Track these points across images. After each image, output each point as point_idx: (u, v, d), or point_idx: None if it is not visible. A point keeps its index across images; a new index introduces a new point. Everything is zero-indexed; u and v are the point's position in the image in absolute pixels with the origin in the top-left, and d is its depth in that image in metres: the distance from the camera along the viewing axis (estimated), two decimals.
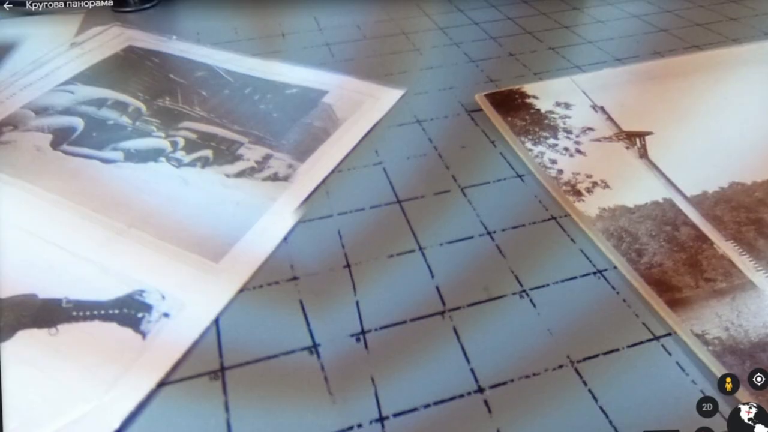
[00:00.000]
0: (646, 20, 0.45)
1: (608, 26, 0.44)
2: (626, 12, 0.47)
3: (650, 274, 0.22)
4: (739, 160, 0.28)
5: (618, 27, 0.44)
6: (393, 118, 0.33)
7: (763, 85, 0.35)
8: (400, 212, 0.26)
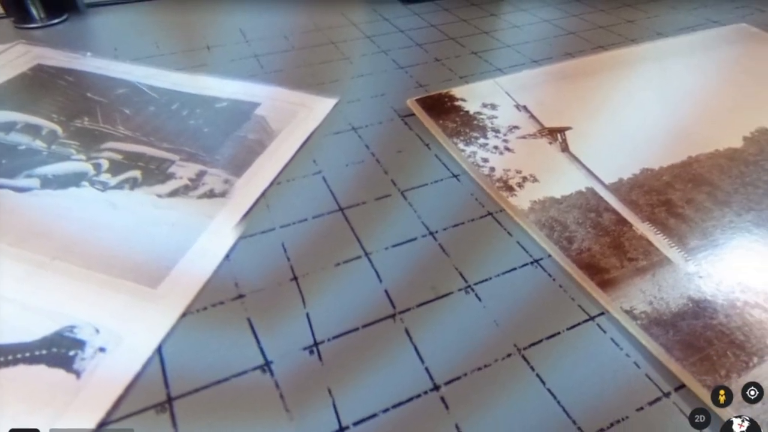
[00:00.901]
0: (555, 24, 0.48)
1: (523, 30, 0.46)
2: (538, 17, 0.49)
3: (581, 259, 0.23)
4: (647, 148, 0.31)
5: (532, 31, 0.46)
6: (328, 126, 0.32)
7: (660, 80, 0.38)
8: (343, 220, 0.25)
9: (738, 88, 0.37)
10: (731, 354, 0.19)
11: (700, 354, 0.19)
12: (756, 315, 0.21)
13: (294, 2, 0.52)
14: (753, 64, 0.41)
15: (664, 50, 0.43)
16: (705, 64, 0.41)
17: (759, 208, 0.26)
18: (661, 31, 0.46)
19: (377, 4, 0.52)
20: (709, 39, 0.45)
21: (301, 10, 0.50)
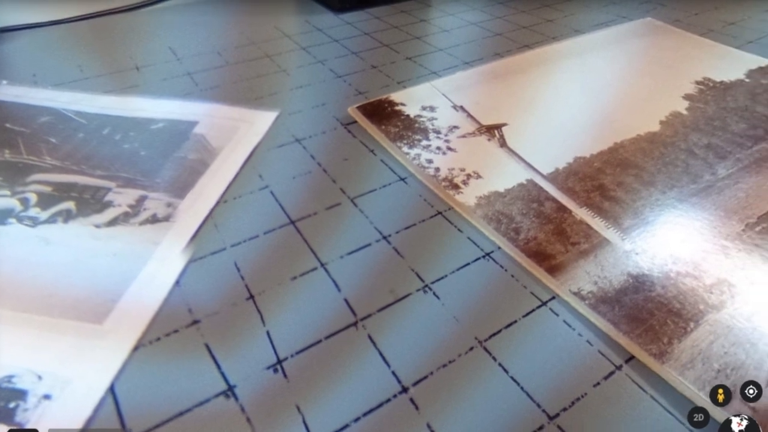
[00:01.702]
0: (482, 27, 0.49)
1: (453, 34, 0.48)
2: (465, 21, 0.51)
3: (528, 248, 0.24)
4: (577, 138, 0.32)
5: (461, 34, 0.47)
6: (271, 140, 0.32)
7: (582, 74, 0.40)
8: (295, 232, 0.25)
9: (650, 77, 0.40)
10: (671, 322, 0.20)
11: (644, 325, 0.20)
12: (688, 283, 0.22)
13: (224, 17, 0.51)
14: (660, 53, 0.44)
15: (583, 46, 0.45)
16: (619, 56, 0.44)
17: (680, 185, 0.28)
18: (578, 29, 0.49)
19: (309, 15, 0.51)
20: (621, 33, 0.48)
21: (232, 25, 0.49)
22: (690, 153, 0.31)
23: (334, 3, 0.52)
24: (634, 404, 0.18)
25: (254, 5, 0.54)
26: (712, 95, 0.37)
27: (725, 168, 0.29)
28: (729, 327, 0.20)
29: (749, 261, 0.23)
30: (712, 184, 0.28)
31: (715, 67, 0.41)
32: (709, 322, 0.20)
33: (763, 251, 0.24)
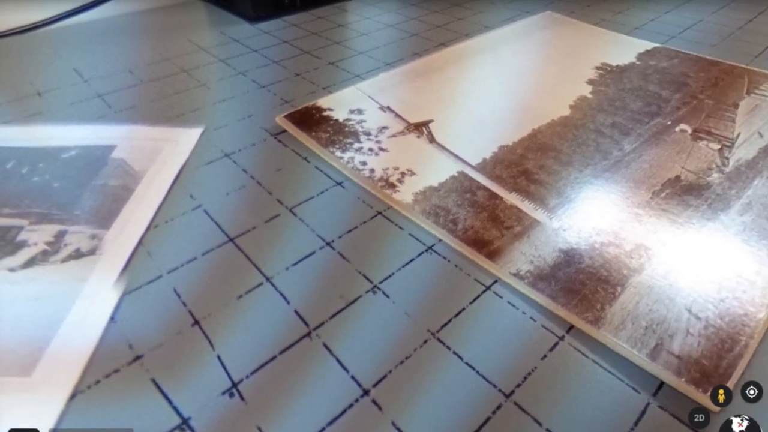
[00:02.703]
0: (399, 28, 0.50)
1: (372, 37, 0.48)
2: (382, 23, 0.51)
3: (467, 237, 0.25)
4: (499, 128, 0.34)
5: (379, 37, 0.48)
6: (199, 157, 0.30)
7: (496, 67, 0.42)
8: (235, 250, 0.24)
9: (555, 66, 0.42)
10: (601, 289, 0.22)
11: (579, 296, 0.21)
12: (611, 252, 0.24)
13: (133, 34, 0.48)
14: (562, 43, 0.47)
15: (494, 41, 0.47)
16: (527, 48, 0.46)
17: (593, 163, 0.30)
18: (487, 25, 0.51)
19: (224, 26, 0.50)
20: (526, 27, 0.50)
21: (142, 41, 0.46)
22: (598, 132, 0.33)
23: (248, 12, 0.51)
24: (578, 370, 0.19)
25: (163, 19, 0.51)
26: (610, 78, 0.40)
27: (629, 143, 0.32)
28: (650, 287, 0.22)
29: (659, 225, 0.25)
30: (620, 159, 0.30)
31: (610, 52, 0.44)
32: (632, 284, 0.22)
33: (670, 214, 0.26)
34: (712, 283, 0.22)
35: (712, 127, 0.34)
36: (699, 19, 0.52)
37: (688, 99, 0.37)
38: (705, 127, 0.34)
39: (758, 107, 0.36)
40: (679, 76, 0.40)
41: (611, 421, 0.17)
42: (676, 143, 0.32)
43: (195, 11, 0.54)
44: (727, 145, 0.32)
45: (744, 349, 0.19)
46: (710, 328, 0.20)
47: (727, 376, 0.18)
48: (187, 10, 0.54)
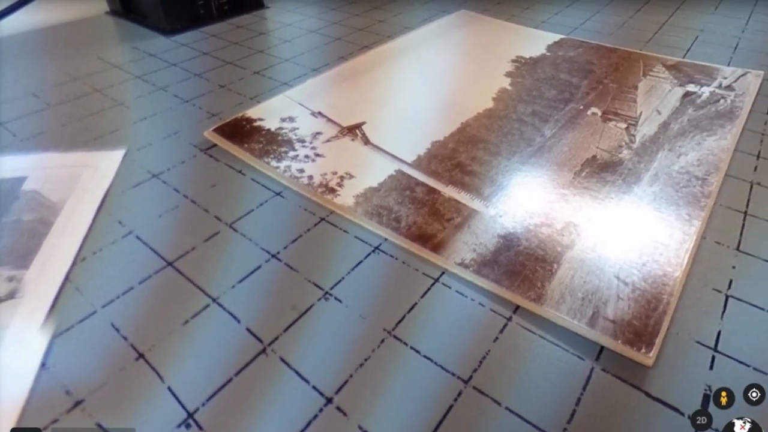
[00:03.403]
0: (321, 33, 0.50)
1: (295, 44, 0.47)
2: (304, 29, 0.50)
3: (411, 233, 0.25)
4: (430, 124, 0.34)
5: (302, 43, 0.47)
6: (124, 181, 0.28)
7: (420, 66, 0.43)
8: (176, 274, 0.22)
9: (475, 61, 0.44)
10: (539, 268, 0.23)
11: (520, 276, 0.22)
12: (545, 232, 0.25)
13: (34, 54, 0.44)
14: (479, 40, 0.49)
15: (415, 41, 0.48)
16: (446, 46, 0.47)
17: (519, 150, 0.32)
18: (407, 26, 0.52)
19: (137, 41, 0.47)
20: (443, 26, 0.52)
21: (46, 61, 0.42)
22: (521, 121, 0.35)
23: (162, 25, 0.48)
24: (528, 346, 0.20)
25: (67, 36, 0.47)
26: (526, 70, 0.42)
27: (549, 129, 0.34)
28: (582, 260, 0.23)
29: (583, 202, 0.27)
30: (543, 144, 0.32)
31: (523, 46, 0.47)
32: (566, 260, 0.23)
33: (592, 191, 0.28)
34: (633, 250, 0.24)
35: (618, 108, 0.36)
36: (597, 11, 0.56)
37: (594, 84, 0.40)
38: (612, 109, 0.36)
39: (654, 87, 0.39)
40: (585, 64, 0.43)
41: (563, 390, 0.18)
42: (590, 126, 0.34)
43: (102, 26, 0.50)
44: (632, 123, 0.34)
45: (667, 307, 0.21)
46: (637, 291, 0.21)
47: (656, 333, 0.20)
48: (94, 26, 0.50)
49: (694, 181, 0.28)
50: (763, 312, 0.21)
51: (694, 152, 0.31)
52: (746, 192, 0.28)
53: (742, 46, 0.47)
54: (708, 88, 0.39)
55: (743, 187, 0.28)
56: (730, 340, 0.20)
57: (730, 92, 0.38)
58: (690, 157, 0.31)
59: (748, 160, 0.31)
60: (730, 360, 0.19)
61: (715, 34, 0.50)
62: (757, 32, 0.50)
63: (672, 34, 0.50)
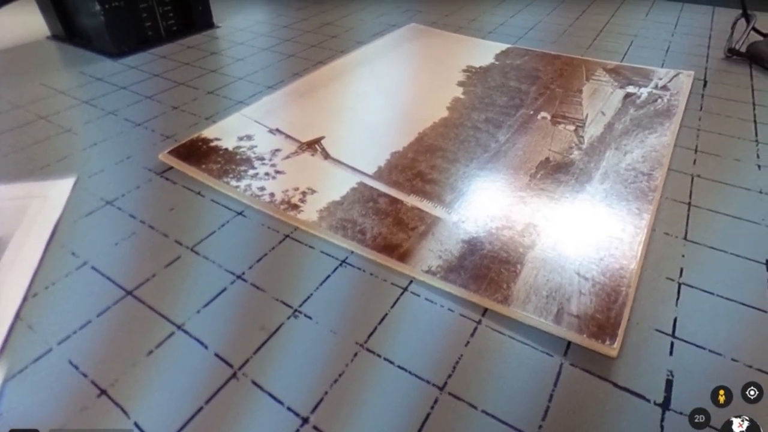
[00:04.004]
0: (274, 51, 0.49)
1: (248, 62, 0.46)
2: (256, 47, 0.50)
3: (377, 244, 0.25)
4: (388, 136, 0.34)
5: (256, 62, 0.47)
6: (76, 210, 0.27)
7: (375, 79, 0.43)
8: (136, 303, 0.21)
9: (428, 72, 0.45)
10: (504, 270, 0.23)
11: (486, 279, 0.23)
12: (506, 234, 0.25)
13: None
14: (429, 52, 0.50)
15: (368, 54, 0.48)
16: (399, 59, 0.48)
17: (476, 156, 0.32)
18: (359, 40, 0.52)
19: (83, 65, 0.45)
20: (395, 39, 0.53)
21: None
22: (476, 128, 0.35)
23: (109, 48, 0.47)
24: (498, 348, 0.20)
25: (8, 63, 0.45)
26: (477, 79, 0.43)
27: (503, 135, 0.35)
28: (543, 259, 0.24)
29: (541, 203, 0.28)
30: (498, 149, 0.33)
31: (472, 56, 0.48)
32: (529, 260, 0.24)
33: (548, 192, 0.29)
34: (590, 246, 0.25)
35: (566, 111, 0.38)
36: (539, 20, 0.59)
37: (542, 90, 0.41)
38: (560, 113, 0.38)
39: (597, 90, 0.41)
40: (531, 71, 0.45)
41: (535, 388, 0.18)
42: (541, 129, 0.35)
43: (45, 51, 0.48)
44: (579, 125, 0.36)
45: (626, 298, 0.21)
46: (597, 286, 0.22)
47: (617, 324, 0.20)
48: (35, 51, 0.48)
49: (641, 176, 0.30)
50: (713, 296, 0.22)
51: (638, 149, 0.33)
52: (688, 184, 0.30)
53: (673, 49, 0.50)
54: (646, 89, 0.41)
55: (685, 179, 0.30)
56: (686, 326, 0.21)
57: (666, 92, 0.41)
58: (635, 155, 0.32)
59: (687, 154, 0.33)
60: (687, 345, 0.20)
61: (648, 38, 0.53)
62: (684, 35, 0.53)
63: (609, 39, 0.53)
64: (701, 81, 0.43)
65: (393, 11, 0.62)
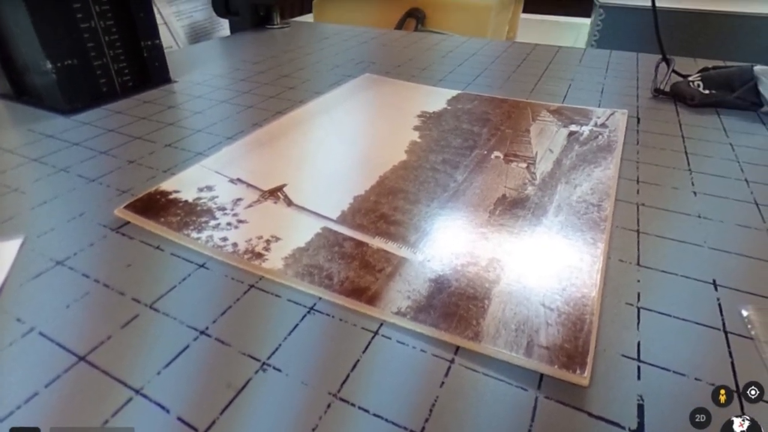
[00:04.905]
0: (233, 103, 0.49)
1: (206, 115, 0.46)
2: (215, 100, 0.50)
3: (345, 288, 0.24)
4: (350, 180, 0.35)
5: (214, 114, 0.47)
6: (23, 272, 0.25)
7: (334, 126, 0.44)
8: (90, 369, 0.20)
9: (384, 119, 0.46)
10: (472, 306, 0.23)
11: (456, 317, 0.23)
12: (471, 270, 0.26)
13: None
14: (385, 99, 0.52)
15: (326, 103, 0.50)
16: (356, 106, 0.49)
17: (437, 196, 0.33)
18: (317, 91, 0.53)
19: (32, 123, 0.43)
20: (351, 89, 0.54)
21: None
22: (434, 170, 0.36)
23: (60, 105, 0.45)
24: (473, 386, 0.20)
25: None
26: (431, 123, 0.45)
27: (461, 174, 0.36)
28: (509, 293, 0.24)
29: (502, 238, 0.28)
30: (457, 188, 0.34)
31: (425, 102, 0.50)
32: (496, 294, 0.24)
33: (508, 227, 0.29)
34: (552, 276, 0.25)
35: (517, 150, 0.40)
36: (485, 68, 0.62)
37: (493, 131, 0.43)
38: (512, 152, 0.39)
39: (543, 130, 0.44)
40: (482, 114, 0.47)
41: (513, 424, 0.18)
42: (495, 168, 0.37)
43: None
44: (531, 163, 0.38)
45: (591, 326, 0.22)
46: (562, 316, 0.23)
47: (586, 353, 0.20)
48: None
49: (591, 207, 0.31)
50: (670, 318, 0.23)
51: (586, 183, 0.34)
52: (635, 213, 0.31)
53: (607, 90, 0.54)
54: (587, 127, 0.44)
55: (631, 208, 0.32)
56: (649, 349, 0.21)
57: (605, 129, 0.44)
58: (584, 187, 0.34)
59: (630, 185, 0.35)
60: (653, 368, 0.20)
61: (583, 81, 0.57)
62: (615, 78, 0.58)
63: (549, 84, 0.56)
64: (635, 118, 0.46)
65: (347, 63, 0.64)
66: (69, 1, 0.44)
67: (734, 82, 0.48)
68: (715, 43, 0.84)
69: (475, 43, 0.75)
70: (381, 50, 0.71)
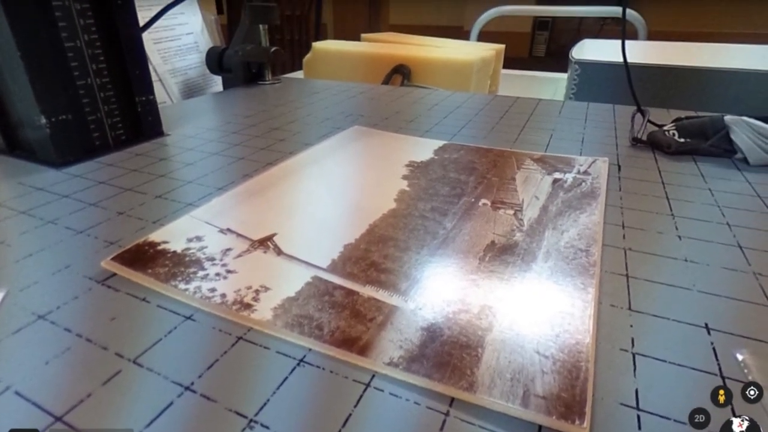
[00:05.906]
0: (224, 155, 0.50)
1: (198, 166, 0.47)
2: (206, 152, 0.51)
3: (336, 339, 0.24)
4: (340, 229, 0.35)
5: (206, 165, 0.47)
6: (2, 328, 0.24)
7: (323, 177, 0.45)
8: (67, 430, 0.19)
9: (373, 168, 0.47)
10: (465, 355, 0.23)
11: (449, 367, 0.22)
12: (463, 318, 0.25)
13: None
14: (374, 150, 0.53)
15: (316, 154, 0.51)
16: (346, 157, 0.50)
17: (426, 244, 0.33)
18: (307, 142, 0.55)
19: (22, 176, 0.43)
20: (341, 140, 0.56)
21: None
22: (423, 217, 0.37)
23: (52, 159, 0.46)
24: None
25: None
26: (419, 172, 0.46)
27: (449, 221, 0.36)
28: (502, 341, 0.24)
29: (492, 284, 0.28)
30: (446, 236, 0.34)
31: (413, 152, 0.51)
32: (489, 342, 0.24)
33: (497, 273, 0.30)
34: (545, 322, 0.25)
35: (503, 197, 0.41)
36: (469, 120, 0.65)
37: (480, 179, 0.44)
38: (499, 199, 0.40)
39: (528, 178, 0.45)
40: (468, 163, 0.48)
41: None
42: (483, 215, 0.37)
43: None
44: (518, 209, 0.38)
45: (587, 374, 0.22)
46: (557, 363, 0.22)
47: (584, 402, 0.20)
48: None
49: (580, 253, 0.32)
50: (666, 363, 0.23)
51: (573, 228, 0.35)
52: (622, 257, 0.32)
53: (587, 139, 0.56)
54: (571, 174, 0.45)
55: (619, 253, 0.32)
56: (647, 396, 0.21)
57: (588, 176, 0.45)
58: (571, 233, 0.34)
59: (616, 230, 0.35)
60: (653, 416, 0.20)
61: (564, 131, 0.59)
62: (594, 128, 0.61)
63: (532, 134, 0.59)
64: (615, 165, 0.48)
65: (336, 116, 0.66)
66: (67, 60, 0.45)
67: (707, 131, 0.51)
68: (685, 94, 0.89)
69: (459, 97, 0.78)
70: (369, 104, 0.74)
